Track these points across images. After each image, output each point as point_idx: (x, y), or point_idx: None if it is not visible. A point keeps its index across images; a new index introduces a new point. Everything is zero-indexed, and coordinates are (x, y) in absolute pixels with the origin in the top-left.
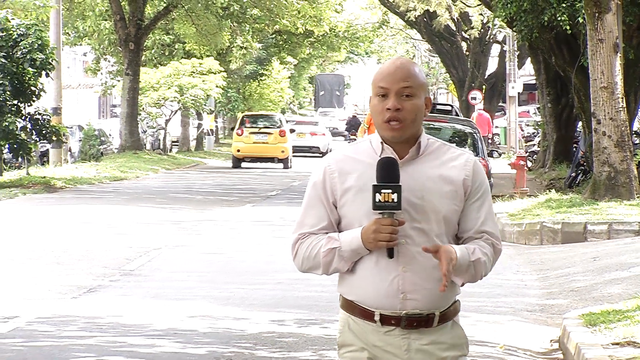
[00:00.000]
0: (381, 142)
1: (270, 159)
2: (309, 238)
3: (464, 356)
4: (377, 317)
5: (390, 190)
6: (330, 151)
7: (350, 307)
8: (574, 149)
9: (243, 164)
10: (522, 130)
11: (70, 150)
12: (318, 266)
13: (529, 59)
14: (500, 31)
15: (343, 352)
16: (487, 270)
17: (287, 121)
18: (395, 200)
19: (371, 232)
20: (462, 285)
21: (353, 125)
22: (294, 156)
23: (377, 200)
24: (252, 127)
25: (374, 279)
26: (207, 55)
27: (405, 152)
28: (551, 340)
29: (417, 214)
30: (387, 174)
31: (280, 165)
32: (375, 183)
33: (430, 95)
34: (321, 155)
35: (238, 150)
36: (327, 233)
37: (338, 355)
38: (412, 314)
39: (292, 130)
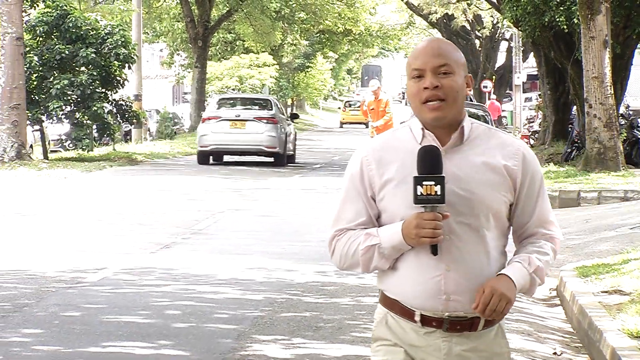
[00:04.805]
0: (422, 128)
1: (360, 124)
2: (346, 234)
3: None
4: (417, 318)
5: (432, 182)
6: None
7: (390, 304)
8: (569, 129)
9: (345, 126)
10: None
11: (149, 130)
12: (357, 264)
13: (532, 54)
14: (508, 30)
15: (376, 345)
16: (549, 269)
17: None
18: (439, 192)
19: (413, 228)
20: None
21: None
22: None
23: (418, 193)
24: (350, 107)
25: (415, 278)
26: (263, 51)
27: (447, 138)
28: (550, 289)
29: (463, 208)
30: (429, 164)
31: (363, 126)
32: (417, 174)
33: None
34: None
35: (343, 119)
36: (365, 229)
37: (371, 349)
38: (455, 316)
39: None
